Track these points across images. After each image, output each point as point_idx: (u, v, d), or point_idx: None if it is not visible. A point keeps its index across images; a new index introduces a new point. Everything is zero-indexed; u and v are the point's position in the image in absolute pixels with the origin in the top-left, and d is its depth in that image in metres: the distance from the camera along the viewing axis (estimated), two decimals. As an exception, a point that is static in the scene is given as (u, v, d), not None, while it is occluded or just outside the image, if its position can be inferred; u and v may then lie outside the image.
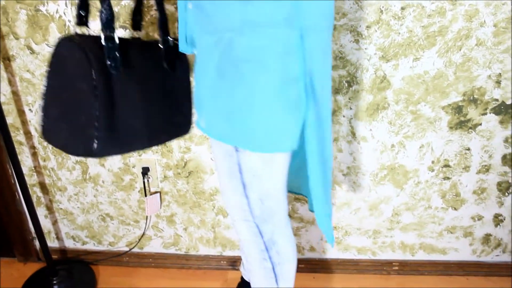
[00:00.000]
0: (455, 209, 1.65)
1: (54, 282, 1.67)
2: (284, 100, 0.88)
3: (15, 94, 1.49)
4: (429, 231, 1.69)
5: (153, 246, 1.80)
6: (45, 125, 1.00)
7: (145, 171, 1.58)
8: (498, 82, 1.38)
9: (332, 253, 1.77)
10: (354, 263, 1.78)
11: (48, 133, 1.00)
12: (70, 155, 1.58)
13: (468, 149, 1.52)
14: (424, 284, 1.76)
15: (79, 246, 1.84)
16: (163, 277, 1.77)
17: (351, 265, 1.78)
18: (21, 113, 1.53)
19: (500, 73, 1.37)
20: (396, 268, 1.78)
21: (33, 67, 1.43)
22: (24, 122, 1.55)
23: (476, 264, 1.78)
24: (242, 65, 0.86)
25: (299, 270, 1.80)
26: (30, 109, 1.52)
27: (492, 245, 1.74)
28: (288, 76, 0.87)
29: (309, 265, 1.78)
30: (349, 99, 1.43)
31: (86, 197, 1.69)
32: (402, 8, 1.28)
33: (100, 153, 0.95)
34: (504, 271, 1.78)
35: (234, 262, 1.79)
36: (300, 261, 1.79)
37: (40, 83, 1.46)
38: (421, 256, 1.77)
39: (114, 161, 1.59)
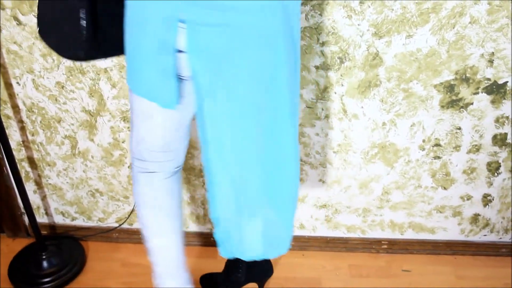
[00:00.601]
0: (445, 188, 1.65)
1: (44, 257, 1.66)
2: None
3: (2, 66, 1.46)
4: (419, 210, 1.70)
5: None
6: (39, 27, 1.06)
7: (135, 146, 1.56)
8: (491, 61, 1.38)
9: (322, 231, 1.78)
10: (343, 241, 1.79)
11: (43, 34, 1.06)
12: (58, 131, 1.57)
13: (459, 129, 1.51)
14: (412, 263, 1.77)
15: (68, 222, 1.83)
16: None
17: (341, 243, 1.79)
18: (8, 86, 1.50)
19: (493, 52, 1.36)
20: (385, 246, 1.79)
21: (20, 39, 1.41)
22: (11, 96, 1.52)
23: (464, 244, 1.80)
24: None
25: (288, 247, 1.81)
26: (17, 82, 1.49)
27: (480, 225, 1.76)
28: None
29: (298, 243, 1.79)
30: (341, 75, 1.42)
31: (76, 173, 1.68)
32: (396, -16, 1.26)
33: (86, 59, 1.13)
34: (492, 251, 1.80)
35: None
36: (289, 239, 1.79)
37: (27, 56, 1.43)
38: (410, 235, 1.78)
39: (104, 136, 1.57)
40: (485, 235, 1.79)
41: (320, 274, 1.71)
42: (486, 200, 1.68)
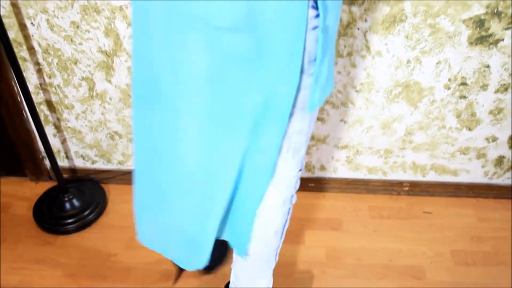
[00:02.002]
0: (470, 129, 1.61)
1: (66, 199, 1.69)
2: None
3: (15, 6, 1.43)
4: (442, 151, 1.67)
5: None
6: None
7: (153, 87, 1.54)
8: (525, -7, 1.30)
9: (343, 172, 1.76)
10: (364, 182, 1.77)
11: None
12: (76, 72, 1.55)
13: (487, 67, 1.45)
14: (433, 205, 1.76)
15: (88, 165, 1.84)
16: None
17: (361, 185, 1.77)
18: (22, 27, 1.47)
19: (528, -18, 1.28)
20: (407, 188, 1.78)
21: (32, -24, 1.37)
22: (26, 37, 1.50)
23: (487, 186, 1.78)
24: None
25: (309, 189, 1.80)
26: (32, 23, 1.46)
27: (504, 168, 1.72)
28: None
29: (319, 184, 1.78)
30: (365, 10, 1.35)
31: (94, 115, 1.67)
32: None
33: None
34: (515, 194, 1.78)
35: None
36: (310, 180, 1.79)
37: (40, -6, 1.39)
38: (432, 177, 1.75)
39: (121, 77, 1.55)
40: (508, 178, 1.76)
41: (341, 215, 1.71)
42: (512, 141, 1.64)
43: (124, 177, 1.81)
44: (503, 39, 1.39)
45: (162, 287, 1.42)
